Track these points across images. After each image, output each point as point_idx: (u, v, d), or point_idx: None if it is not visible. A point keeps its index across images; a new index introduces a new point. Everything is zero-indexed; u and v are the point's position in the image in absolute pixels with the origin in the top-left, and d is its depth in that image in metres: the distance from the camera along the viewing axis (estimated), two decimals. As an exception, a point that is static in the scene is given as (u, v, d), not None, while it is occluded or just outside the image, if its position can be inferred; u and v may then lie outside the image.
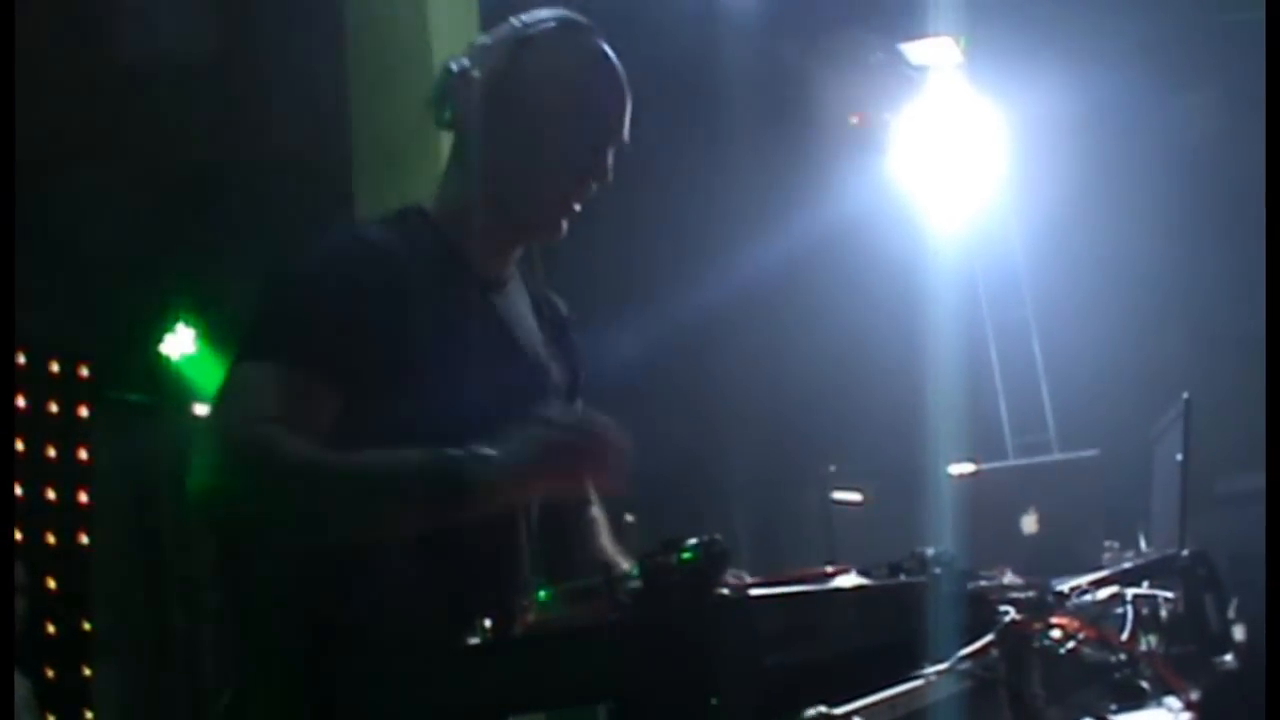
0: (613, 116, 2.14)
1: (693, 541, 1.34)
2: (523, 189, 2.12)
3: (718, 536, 1.34)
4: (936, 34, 6.42)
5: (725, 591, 1.31)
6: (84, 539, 7.83)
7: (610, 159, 2.13)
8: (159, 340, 8.61)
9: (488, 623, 1.48)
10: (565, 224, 2.15)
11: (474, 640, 1.48)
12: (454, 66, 2.15)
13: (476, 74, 2.11)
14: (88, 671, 7.65)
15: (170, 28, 5.60)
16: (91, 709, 7.58)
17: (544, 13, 2.18)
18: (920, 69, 6.53)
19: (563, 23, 2.17)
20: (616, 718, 1.30)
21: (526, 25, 2.16)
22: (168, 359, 8.66)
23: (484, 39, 2.19)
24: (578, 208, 2.14)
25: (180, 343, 8.66)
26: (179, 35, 5.65)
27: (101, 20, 5.75)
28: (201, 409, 8.70)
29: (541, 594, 1.45)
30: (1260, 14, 4.17)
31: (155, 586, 8.42)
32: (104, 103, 6.31)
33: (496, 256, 2.19)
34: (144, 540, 8.49)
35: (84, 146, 6.48)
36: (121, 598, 8.19)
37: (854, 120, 6.60)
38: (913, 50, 6.48)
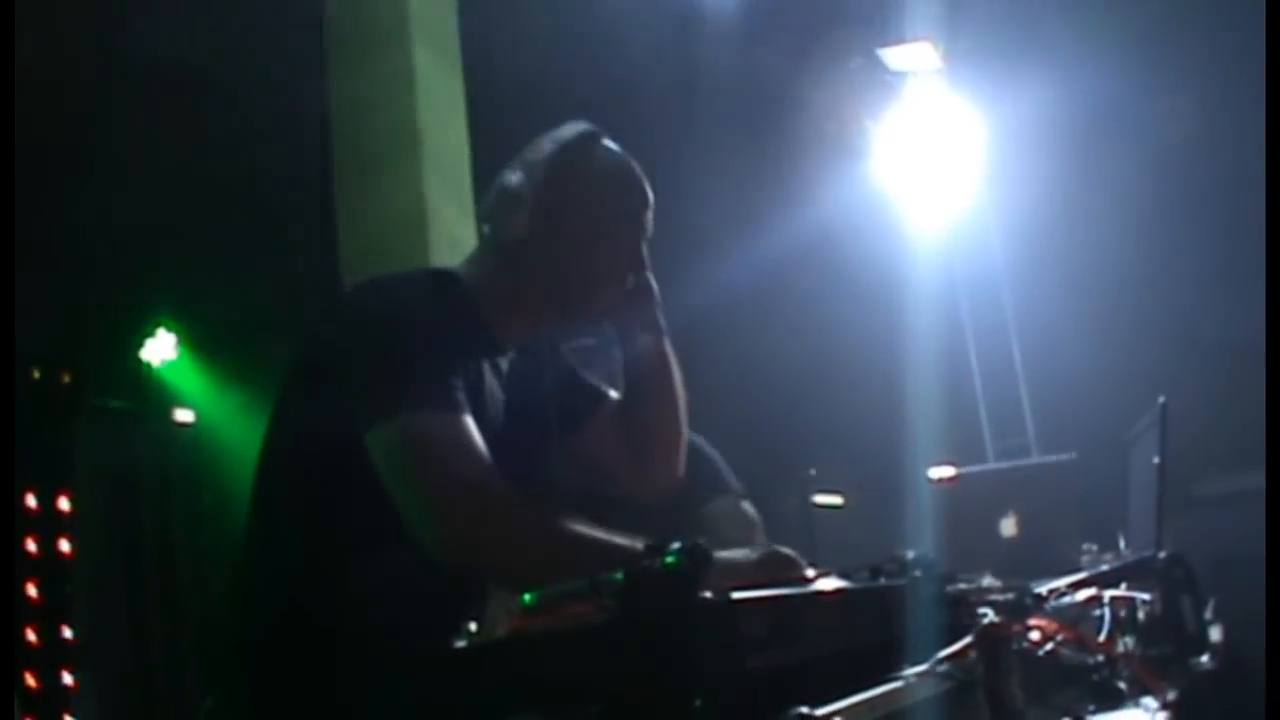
0: (646, 218, 2.35)
1: (676, 545, 1.35)
2: (576, 297, 2.31)
3: (700, 540, 1.36)
4: (915, 39, 6.44)
5: (708, 595, 1.33)
6: (65, 546, 7.81)
7: (645, 250, 2.34)
8: (140, 346, 8.60)
9: (473, 626, 1.50)
10: (594, 315, 2.37)
11: (460, 644, 1.49)
12: (508, 183, 2.30)
13: (526, 193, 2.27)
14: (69, 679, 7.63)
15: (153, 38, 5.60)
16: (73, 716, 7.56)
17: (568, 131, 2.36)
18: (900, 74, 6.55)
19: (586, 137, 2.35)
20: (601, 720, 1.32)
21: (560, 145, 2.33)
22: (149, 365, 8.65)
23: (527, 156, 2.34)
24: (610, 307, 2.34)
25: (161, 349, 8.65)
26: (162, 44, 5.65)
27: (86, 31, 5.74)
28: (184, 414, 8.70)
29: (526, 597, 1.47)
30: (1244, 18, 4.20)
31: (137, 593, 8.40)
32: (86, 110, 6.30)
33: (530, 333, 2.35)
34: (125, 547, 8.47)
35: (65, 153, 6.48)
36: (103, 605, 8.17)
37: (834, 125, 6.62)
38: (892, 55, 6.51)
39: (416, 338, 2.08)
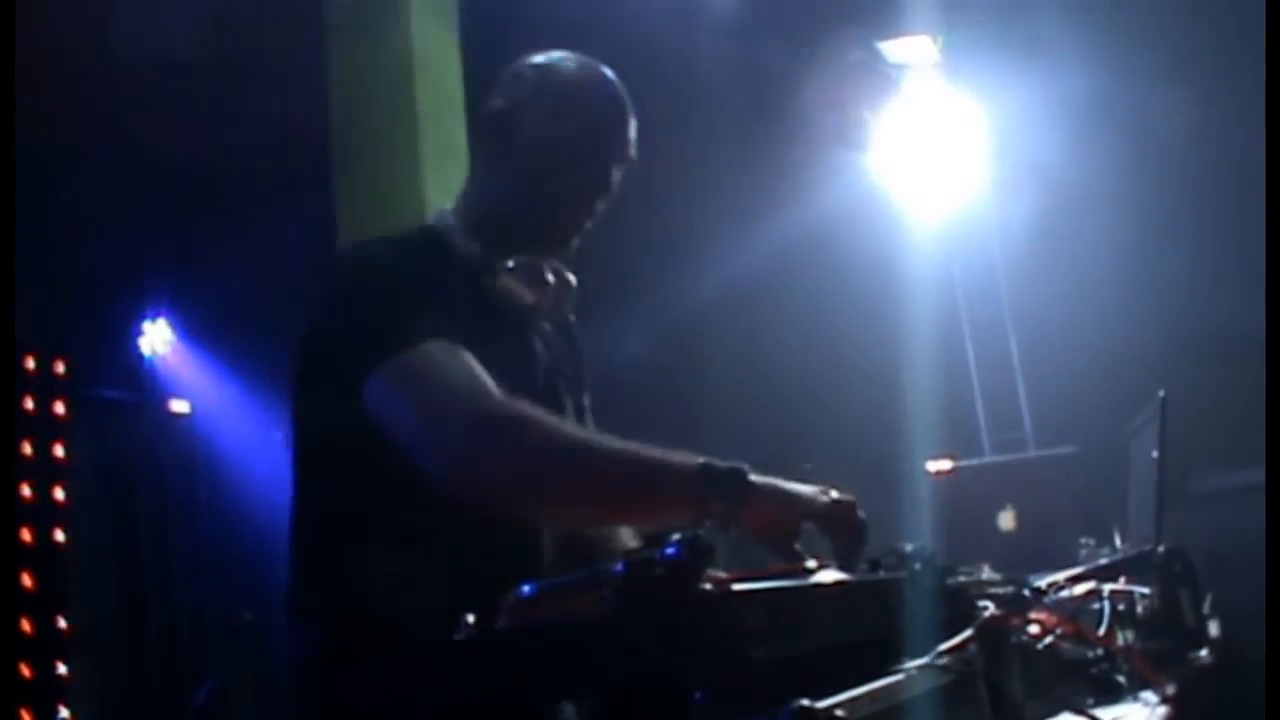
0: (622, 141, 2.31)
1: (676, 537, 1.35)
2: (543, 213, 2.27)
3: (700, 532, 1.36)
4: (915, 32, 6.44)
5: (708, 587, 1.32)
6: (60, 536, 7.80)
7: (618, 177, 2.30)
8: (136, 336, 8.60)
9: (471, 618, 1.49)
10: (576, 241, 2.32)
11: (457, 635, 1.48)
12: (491, 100, 2.32)
13: (501, 105, 2.29)
14: (64, 669, 7.63)
15: (150, 27, 5.59)
16: (68, 707, 7.56)
17: (556, 54, 2.35)
18: (899, 67, 6.54)
19: (572, 57, 2.34)
20: (600, 713, 1.31)
21: (544, 64, 2.33)
22: (145, 355, 8.65)
23: (509, 74, 2.35)
24: (589, 226, 2.31)
25: (158, 338, 8.65)
26: (158, 34, 5.64)
27: (82, 19, 5.73)
28: (180, 405, 8.70)
29: (525, 588, 1.46)
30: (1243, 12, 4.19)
31: (132, 584, 8.41)
32: (83, 99, 6.29)
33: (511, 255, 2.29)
34: (121, 537, 8.47)
35: (60, 142, 6.47)
36: (98, 595, 8.17)
37: (833, 118, 6.61)
38: (891, 49, 6.50)
39: (402, 282, 2.07)
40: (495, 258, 2.22)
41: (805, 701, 1.18)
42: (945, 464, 4.13)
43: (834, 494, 2.10)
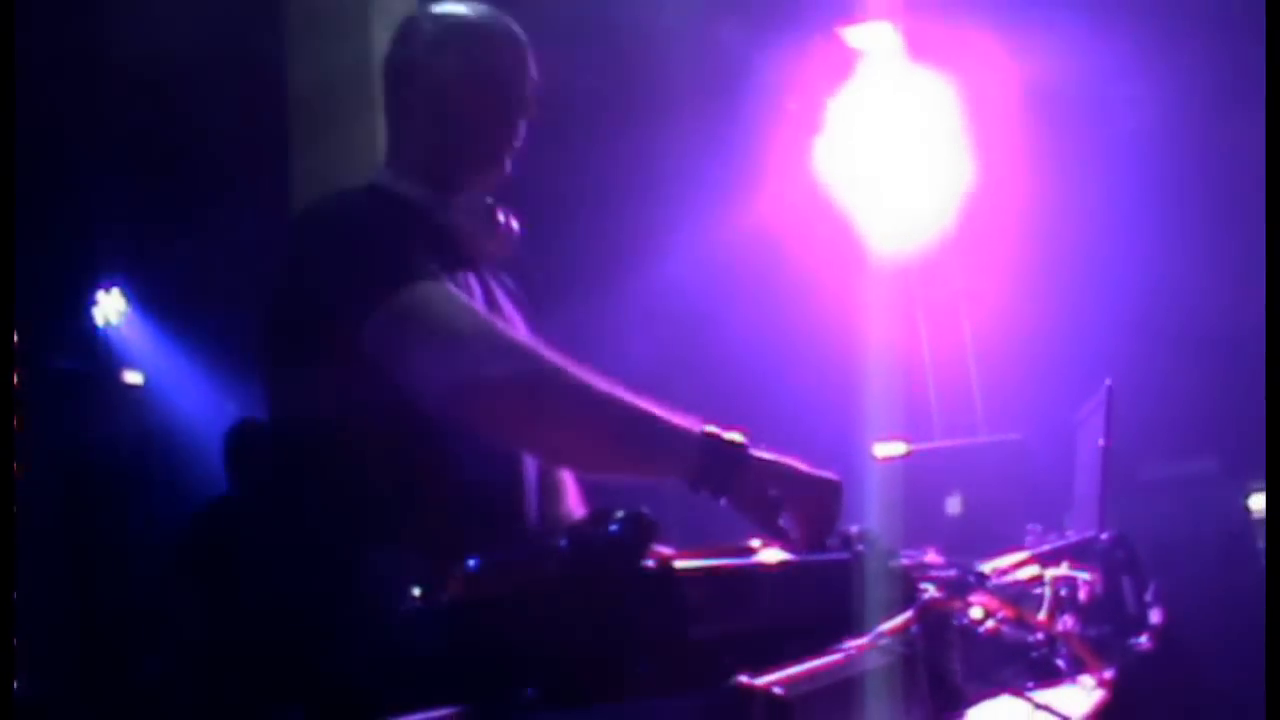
0: (523, 66, 2.43)
1: (620, 514, 1.35)
2: (469, 143, 2.37)
3: (645, 510, 1.36)
4: (874, 18, 6.45)
5: (650, 564, 1.33)
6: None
7: (530, 96, 2.42)
8: (90, 307, 8.54)
9: (417, 591, 1.49)
10: (508, 161, 2.41)
11: (402, 608, 1.49)
12: (391, 51, 2.44)
13: (404, 55, 2.41)
14: (13, 643, 7.57)
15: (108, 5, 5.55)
16: (16, 681, 7.51)
17: (448, 4, 2.48)
18: (859, 52, 6.55)
19: (468, 5, 2.46)
20: (541, 688, 1.32)
21: (439, 13, 2.45)
22: (98, 326, 8.59)
23: (407, 26, 2.46)
24: (516, 144, 2.41)
25: (111, 310, 8.59)
26: (115, 12, 5.60)
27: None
28: (133, 376, 8.64)
29: (470, 562, 1.47)
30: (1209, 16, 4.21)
31: (83, 556, 8.36)
32: (38, 71, 6.23)
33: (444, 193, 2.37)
34: (72, 509, 8.42)
35: (14, 111, 6.40)
36: (48, 568, 8.12)
37: (792, 103, 6.62)
38: (852, 34, 6.51)
39: (375, 228, 2.14)
40: (443, 195, 2.31)
41: (744, 678, 1.19)
42: (895, 447, 4.15)
43: (831, 480, 2.08)
